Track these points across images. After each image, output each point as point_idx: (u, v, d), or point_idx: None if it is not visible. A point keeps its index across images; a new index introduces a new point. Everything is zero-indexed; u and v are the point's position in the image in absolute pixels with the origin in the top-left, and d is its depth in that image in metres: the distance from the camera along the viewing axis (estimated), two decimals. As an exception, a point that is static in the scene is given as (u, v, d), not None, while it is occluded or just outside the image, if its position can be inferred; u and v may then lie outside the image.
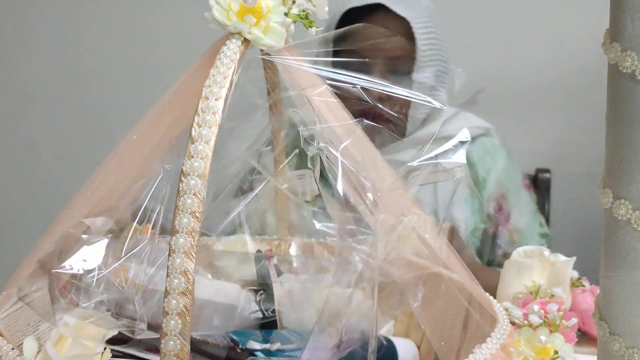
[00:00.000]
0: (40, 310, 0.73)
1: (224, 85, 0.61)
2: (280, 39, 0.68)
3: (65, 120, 2.14)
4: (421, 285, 0.71)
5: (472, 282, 0.76)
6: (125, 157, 0.71)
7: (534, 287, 0.96)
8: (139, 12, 2.07)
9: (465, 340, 0.72)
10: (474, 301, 0.74)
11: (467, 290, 0.74)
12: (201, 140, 0.59)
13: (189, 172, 0.58)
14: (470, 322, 0.74)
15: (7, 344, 0.65)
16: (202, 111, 0.60)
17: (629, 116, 0.55)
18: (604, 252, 0.59)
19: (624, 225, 0.57)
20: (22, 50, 2.14)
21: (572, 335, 0.89)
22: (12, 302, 0.70)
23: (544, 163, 1.72)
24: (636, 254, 0.57)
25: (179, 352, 0.55)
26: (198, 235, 0.56)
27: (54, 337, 0.68)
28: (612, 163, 0.57)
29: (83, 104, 2.13)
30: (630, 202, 0.56)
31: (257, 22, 0.66)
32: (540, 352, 0.80)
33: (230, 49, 0.65)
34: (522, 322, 0.86)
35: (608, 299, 0.59)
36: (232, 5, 0.66)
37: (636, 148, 0.55)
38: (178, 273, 0.55)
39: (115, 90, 2.10)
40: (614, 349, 0.59)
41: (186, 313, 0.55)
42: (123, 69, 2.09)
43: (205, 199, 0.57)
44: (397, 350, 0.81)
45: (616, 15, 0.55)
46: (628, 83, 0.55)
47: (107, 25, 2.07)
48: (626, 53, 0.54)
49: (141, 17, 2.07)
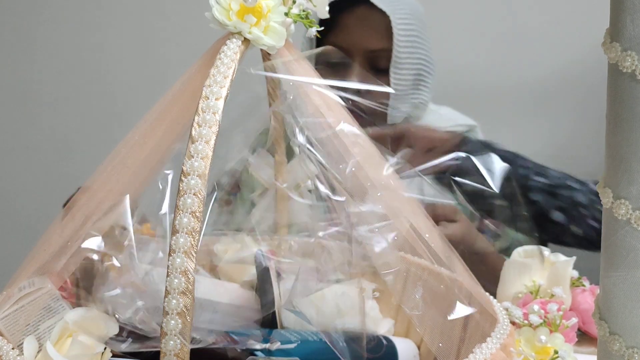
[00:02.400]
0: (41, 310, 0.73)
1: (224, 85, 0.62)
2: (281, 38, 0.68)
3: (65, 120, 2.14)
4: (420, 285, 0.71)
5: (472, 282, 0.76)
6: (125, 157, 0.71)
7: (534, 287, 0.96)
8: (139, 12, 2.07)
9: (465, 340, 0.72)
10: (474, 301, 0.74)
11: (467, 290, 0.74)
12: (201, 140, 0.59)
13: (189, 171, 0.58)
14: (470, 322, 0.74)
15: (7, 344, 0.65)
16: (202, 111, 0.60)
17: (629, 116, 0.55)
18: (604, 252, 0.59)
19: (624, 225, 0.57)
20: (23, 50, 2.14)
21: (572, 335, 0.89)
22: (12, 302, 0.70)
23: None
24: (636, 253, 0.57)
25: (179, 352, 0.55)
26: (198, 235, 0.56)
27: (54, 337, 0.68)
28: (612, 163, 0.57)
29: (83, 104, 2.13)
30: (630, 202, 0.56)
31: (257, 22, 0.66)
32: (540, 352, 0.80)
33: (231, 48, 0.65)
34: (522, 322, 0.86)
35: (608, 298, 0.59)
36: (232, 5, 0.66)
37: (636, 148, 0.55)
38: (178, 273, 0.55)
39: (115, 90, 2.10)
40: (614, 349, 0.59)
41: (186, 313, 0.55)
42: (123, 68, 2.09)
43: (205, 198, 0.57)
44: (397, 350, 0.81)
45: (616, 15, 0.55)
46: (628, 83, 0.55)
47: (107, 25, 2.08)
48: (626, 53, 0.54)
49: (141, 17, 2.07)
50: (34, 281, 0.73)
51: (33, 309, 0.72)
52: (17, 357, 0.63)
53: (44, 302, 0.74)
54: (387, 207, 0.70)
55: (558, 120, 1.90)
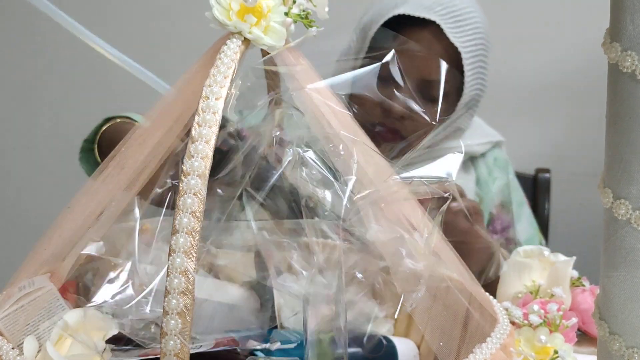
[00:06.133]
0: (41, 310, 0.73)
1: (224, 84, 0.62)
2: (281, 38, 0.68)
3: (65, 120, 2.14)
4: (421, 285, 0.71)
5: (472, 282, 0.76)
6: (126, 156, 0.71)
7: (534, 287, 0.96)
8: (139, 12, 2.07)
9: (465, 340, 0.72)
10: (474, 301, 0.74)
11: (467, 290, 0.74)
12: (201, 140, 0.59)
13: (189, 171, 0.58)
14: (470, 322, 0.74)
15: (7, 344, 0.65)
16: (203, 111, 0.60)
17: (629, 116, 0.55)
18: (604, 252, 0.59)
19: (624, 225, 0.57)
20: (22, 49, 2.14)
21: (572, 335, 0.89)
22: (12, 301, 0.70)
23: (544, 163, 1.72)
24: (636, 253, 0.57)
25: (179, 351, 0.55)
26: (198, 235, 0.56)
27: (54, 337, 0.68)
28: (612, 163, 0.57)
29: (83, 104, 2.12)
30: (630, 202, 0.56)
31: (257, 22, 0.66)
32: (540, 352, 0.80)
33: (231, 48, 0.65)
34: (522, 322, 0.86)
35: (608, 298, 0.59)
36: (232, 5, 0.66)
37: (636, 148, 0.55)
38: (178, 273, 0.55)
39: (115, 90, 2.09)
40: (614, 349, 0.59)
41: (186, 313, 0.55)
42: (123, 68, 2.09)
43: (205, 198, 0.57)
44: (397, 350, 0.81)
45: (616, 15, 0.55)
46: (628, 83, 0.55)
47: (107, 25, 2.07)
48: (626, 53, 0.54)
49: (142, 17, 2.07)
50: (34, 281, 0.73)
51: (33, 309, 0.72)
52: (17, 357, 0.63)
53: (44, 302, 0.74)
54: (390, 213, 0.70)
55: (558, 120, 1.90)
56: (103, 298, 0.72)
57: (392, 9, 1.23)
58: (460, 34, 1.23)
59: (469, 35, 1.24)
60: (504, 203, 1.37)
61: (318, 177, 0.71)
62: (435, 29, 1.22)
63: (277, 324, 0.84)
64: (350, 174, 0.69)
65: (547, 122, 1.90)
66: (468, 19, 1.24)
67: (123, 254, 0.76)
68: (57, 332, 0.69)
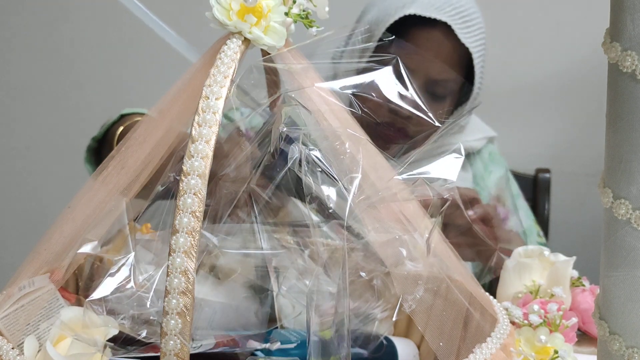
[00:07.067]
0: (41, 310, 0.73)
1: (224, 84, 0.62)
2: (281, 38, 0.68)
3: (65, 120, 2.14)
4: (421, 285, 0.71)
5: (472, 282, 0.76)
6: (126, 156, 0.71)
7: (534, 286, 0.96)
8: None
9: (466, 340, 0.72)
10: (474, 301, 0.74)
11: (467, 290, 0.74)
12: (201, 140, 0.59)
13: (190, 171, 0.58)
14: (471, 322, 0.74)
15: (7, 344, 0.65)
16: (203, 110, 0.60)
17: (629, 116, 0.55)
18: (604, 252, 0.59)
19: (624, 224, 0.57)
20: (22, 49, 2.14)
21: (572, 335, 0.89)
22: (13, 301, 0.70)
23: (544, 163, 1.72)
24: (636, 253, 0.57)
25: (179, 351, 0.55)
26: (198, 234, 0.56)
27: (53, 337, 0.68)
28: (612, 163, 0.57)
29: (83, 104, 2.13)
30: (630, 202, 0.56)
31: (257, 22, 0.66)
32: (540, 351, 0.80)
33: (231, 48, 0.65)
34: (522, 321, 0.86)
35: (608, 298, 0.59)
36: (232, 5, 0.66)
37: (636, 148, 0.55)
38: (178, 272, 0.55)
39: (116, 90, 2.10)
40: (614, 349, 0.59)
41: (186, 313, 0.55)
42: (123, 68, 2.09)
43: (205, 198, 0.57)
44: (397, 350, 0.81)
45: (616, 15, 0.55)
46: (628, 83, 0.55)
47: (107, 25, 2.07)
48: (626, 53, 0.54)
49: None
50: (34, 281, 0.73)
51: (33, 309, 0.72)
52: (17, 357, 0.63)
53: (44, 302, 0.74)
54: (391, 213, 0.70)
55: (558, 120, 1.90)
56: (103, 293, 0.72)
57: (401, 9, 1.23)
58: (469, 34, 1.24)
59: (476, 36, 1.25)
60: (500, 195, 1.38)
61: (323, 175, 0.71)
62: (444, 29, 1.23)
63: (277, 324, 0.84)
64: (356, 172, 0.69)
65: (547, 122, 1.90)
66: (474, 19, 1.26)
67: (123, 253, 0.76)
68: (57, 331, 0.69)
